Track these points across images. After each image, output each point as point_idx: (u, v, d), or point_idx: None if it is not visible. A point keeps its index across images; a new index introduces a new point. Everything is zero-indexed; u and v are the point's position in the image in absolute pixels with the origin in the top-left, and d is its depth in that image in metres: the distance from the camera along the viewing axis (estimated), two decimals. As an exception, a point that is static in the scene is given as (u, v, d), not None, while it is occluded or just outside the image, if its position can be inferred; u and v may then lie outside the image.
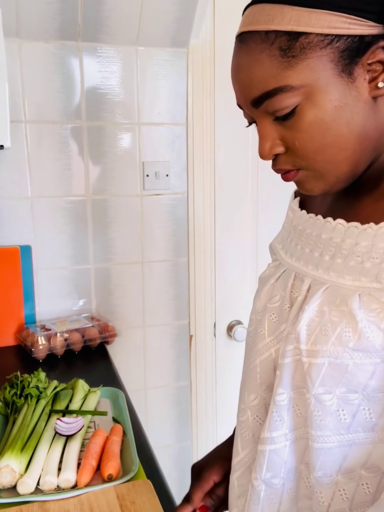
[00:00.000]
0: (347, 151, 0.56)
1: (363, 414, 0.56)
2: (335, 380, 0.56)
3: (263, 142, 0.58)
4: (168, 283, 1.70)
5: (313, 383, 0.57)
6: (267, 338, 0.65)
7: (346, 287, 0.56)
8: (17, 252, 1.49)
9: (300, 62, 0.53)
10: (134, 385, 1.67)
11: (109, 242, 1.61)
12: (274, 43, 0.53)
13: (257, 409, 0.67)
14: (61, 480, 0.84)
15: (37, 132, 1.48)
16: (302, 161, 0.58)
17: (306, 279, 0.62)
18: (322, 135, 0.55)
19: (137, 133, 1.57)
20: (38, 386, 1.08)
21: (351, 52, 0.52)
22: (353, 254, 0.57)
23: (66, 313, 1.60)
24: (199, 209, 1.68)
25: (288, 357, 0.60)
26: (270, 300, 0.67)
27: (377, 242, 0.55)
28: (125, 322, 1.67)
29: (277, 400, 0.61)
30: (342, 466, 0.58)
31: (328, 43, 0.52)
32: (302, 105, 0.54)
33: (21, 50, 1.42)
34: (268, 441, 0.63)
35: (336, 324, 0.55)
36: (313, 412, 0.58)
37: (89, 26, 1.43)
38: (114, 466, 0.86)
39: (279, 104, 0.54)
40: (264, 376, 0.66)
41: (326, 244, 0.61)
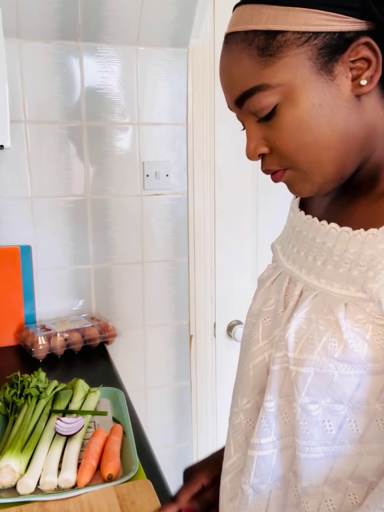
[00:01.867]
0: (331, 151, 0.54)
1: (349, 425, 0.55)
2: (320, 390, 0.55)
3: (248, 142, 0.58)
4: (168, 283, 1.70)
5: (299, 392, 0.56)
6: (261, 342, 0.64)
7: (334, 295, 0.55)
8: (17, 252, 1.49)
9: (277, 61, 0.52)
10: (134, 385, 1.67)
11: (109, 242, 1.61)
12: (253, 43, 0.53)
13: (250, 412, 0.66)
14: (61, 480, 0.84)
15: (37, 132, 1.48)
16: (286, 161, 0.56)
17: (298, 284, 0.61)
18: (302, 134, 0.53)
19: (137, 133, 1.57)
20: (38, 386, 1.08)
21: (330, 49, 0.51)
22: (343, 260, 0.55)
23: (66, 313, 1.60)
24: (199, 209, 1.68)
25: (277, 364, 0.59)
26: (265, 304, 0.66)
27: (365, 249, 0.53)
28: (125, 322, 1.67)
29: (266, 407, 0.61)
30: (329, 477, 0.57)
31: (305, 40, 0.51)
32: (281, 104, 0.53)
33: (21, 50, 1.42)
34: (256, 447, 0.62)
35: (322, 333, 0.54)
36: (299, 422, 0.57)
37: (89, 26, 1.43)
38: (114, 466, 0.86)
39: (258, 103, 0.54)
40: (257, 380, 0.65)
41: (319, 249, 0.59)
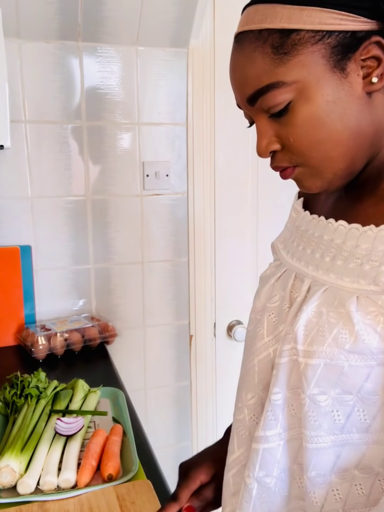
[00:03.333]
0: (342, 147, 0.55)
1: (357, 415, 0.56)
2: (330, 381, 0.56)
3: (259, 139, 0.59)
4: (168, 283, 1.70)
5: (308, 383, 0.57)
6: (265, 338, 0.65)
7: (344, 289, 0.56)
8: (17, 252, 1.49)
9: (291, 59, 0.53)
10: (134, 385, 1.67)
11: (109, 242, 1.61)
12: (267, 41, 0.54)
13: (254, 408, 0.67)
14: (61, 480, 0.84)
15: (37, 132, 1.48)
16: (298, 158, 0.58)
17: (306, 280, 0.62)
18: (316, 130, 0.55)
19: (137, 133, 1.57)
20: (38, 386, 1.08)
21: (343, 48, 0.53)
22: (353, 256, 0.56)
23: (66, 313, 1.60)
24: (199, 209, 1.68)
25: (285, 357, 0.60)
26: (270, 300, 0.67)
27: (377, 244, 0.54)
28: (125, 322, 1.67)
29: (272, 400, 0.61)
30: (336, 465, 0.58)
31: (319, 39, 0.53)
32: (295, 101, 0.55)
33: (21, 50, 1.42)
34: (262, 440, 0.63)
35: (333, 325, 0.55)
36: (307, 413, 0.58)
37: (89, 26, 1.43)
38: (114, 466, 0.87)
39: (273, 100, 0.55)
40: (262, 375, 0.65)
41: (327, 246, 0.61)
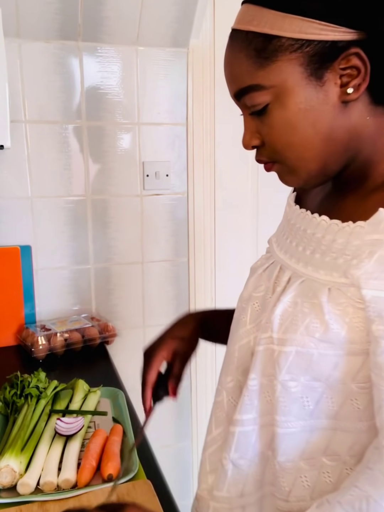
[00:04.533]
0: (314, 150, 0.58)
1: (326, 402, 0.59)
2: (300, 368, 0.59)
3: (244, 132, 0.62)
4: (168, 283, 1.70)
5: (280, 369, 0.60)
6: (248, 325, 0.68)
7: (319, 281, 0.59)
8: (17, 252, 1.49)
9: (271, 64, 0.56)
10: (134, 385, 1.66)
11: (109, 242, 1.61)
12: (252, 44, 0.56)
13: (232, 391, 0.70)
14: (61, 480, 0.84)
15: (37, 132, 1.48)
16: (275, 155, 0.61)
17: (287, 271, 0.65)
18: (289, 134, 0.58)
19: (137, 133, 1.57)
20: (38, 386, 1.08)
21: (321, 57, 0.54)
22: (330, 250, 0.59)
23: (66, 313, 1.60)
24: (199, 209, 1.68)
25: (262, 345, 0.63)
26: (256, 290, 0.70)
27: (352, 239, 0.57)
28: (125, 322, 1.67)
29: (249, 385, 0.64)
30: (305, 451, 0.61)
31: (298, 47, 0.54)
32: (272, 104, 0.57)
33: (21, 50, 1.42)
34: (238, 423, 0.66)
35: (306, 315, 0.58)
36: (278, 398, 0.61)
37: (89, 26, 1.43)
38: (114, 466, 0.87)
39: (252, 100, 0.58)
40: (241, 360, 0.68)
41: (309, 239, 0.64)
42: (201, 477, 0.74)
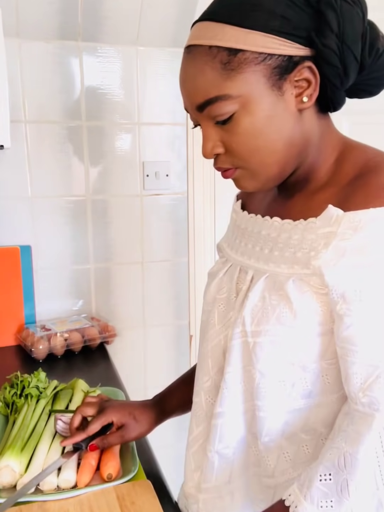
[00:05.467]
0: (277, 154, 0.64)
1: (301, 383, 0.65)
2: (276, 355, 0.65)
3: (205, 143, 0.66)
4: (168, 283, 1.70)
5: (257, 359, 0.66)
6: (216, 326, 0.74)
7: (282, 275, 0.65)
8: (17, 252, 1.49)
9: (237, 75, 0.60)
10: (134, 385, 1.66)
11: (109, 242, 1.61)
12: (216, 57, 0.61)
13: (209, 390, 0.75)
14: (61, 480, 0.84)
15: (37, 132, 1.48)
16: (239, 161, 0.65)
17: (249, 271, 0.71)
18: (255, 139, 0.63)
19: (137, 133, 1.57)
20: (38, 386, 1.08)
21: (281, 70, 0.61)
22: (287, 246, 0.66)
23: (66, 313, 1.60)
24: (199, 209, 1.68)
25: (236, 339, 0.68)
26: (219, 292, 0.76)
27: (306, 234, 0.64)
28: (125, 322, 1.67)
29: (226, 378, 0.70)
30: (285, 431, 0.68)
31: (262, 60, 0.60)
32: (239, 112, 0.62)
33: (21, 50, 1.42)
34: (220, 415, 0.71)
35: (275, 306, 0.64)
36: (258, 385, 0.67)
37: (89, 26, 1.43)
38: (113, 466, 0.86)
39: (219, 110, 0.62)
40: (215, 360, 0.74)
41: (265, 240, 0.70)
42: (187, 475, 0.80)
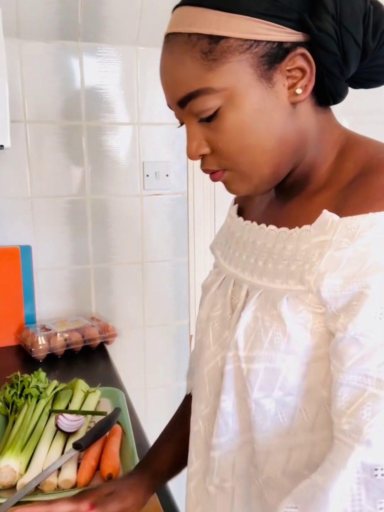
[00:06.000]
0: (268, 153, 0.57)
1: (300, 415, 0.57)
2: (271, 384, 0.57)
3: (189, 142, 0.60)
4: (168, 283, 1.70)
5: (252, 388, 0.58)
6: (212, 347, 0.66)
7: (276, 291, 0.57)
8: (17, 252, 1.49)
9: (221, 66, 0.53)
10: (134, 385, 1.67)
11: (109, 242, 1.61)
12: (196, 46, 0.54)
13: (208, 417, 0.67)
14: (61, 480, 0.84)
15: (37, 132, 1.48)
16: (227, 162, 0.58)
17: (244, 285, 0.63)
18: (243, 137, 0.56)
19: (137, 133, 1.57)
20: (38, 386, 1.08)
21: (270, 58, 0.53)
22: (281, 258, 0.58)
23: (66, 313, 1.60)
24: (199, 209, 1.68)
25: (230, 364, 0.61)
26: (213, 309, 0.68)
27: (300, 244, 0.56)
28: (125, 322, 1.67)
29: (222, 407, 0.62)
30: (286, 469, 0.59)
31: (247, 48, 0.53)
32: (224, 107, 0.55)
33: (21, 50, 1.42)
34: (217, 447, 0.63)
35: (267, 328, 0.56)
36: (255, 417, 0.59)
37: (89, 26, 1.43)
38: (113, 466, 0.87)
39: (202, 105, 0.55)
40: (212, 384, 0.65)
41: (260, 250, 0.62)
42: (189, 510, 0.71)
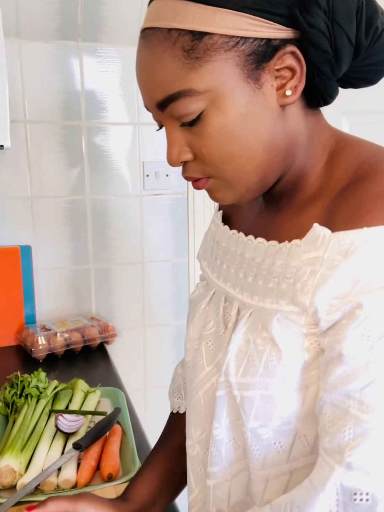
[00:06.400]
0: (255, 161, 0.52)
1: (300, 442, 0.53)
2: (268, 413, 0.53)
3: (170, 148, 0.55)
4: (168, 283, 1.70)
5: (247, 417, 0.54)
6: (206, 368, 0.62)
7: (266, 311, 0.53)
8: (17, 252, 1.49)
9: (204, 65, 0.49)
10: (134, 385, 1.67)
11: (109, 242, 1.61)
12: (177, 42, 0.49)
13: (206, 442, 0.63)
14: (61, 480, 0.84)
15: (37, 132, 1.48)
16: (211, 169, 0.54)
17: (234, 303, 0.60)
18: (229, 143, 0.51)
19: (137, 133, 1.57)
20: (38, 386, 1.08)
21: (257, 57, 0.49)
22: (271, 274, 0.54)
23: (66, 313, 1.60)
24: (199, 209, 1.68)
25: (221, 389, 0.57)
26: (205, 327, 0.63)
27: (290, 260, 0.52)
28: (125, 322, 1.67)
29: (214, 435, 0.59)
30: (286, 490, 0.56)
31: (233, 45, 0.48)
32: (208, 110, 0.50)
33: (21, 50, 1.42)
34: (211, 476, 0.61)
35: (261, 353, 0.52)
36: (251, 446, 0.55)
37: (89, 26, 1.43)
38: (113, 466, 0.87)
39: (184, 109, 0.51)
40: (209, 408, 0.61)
41: (249, 264, 0.58)
42: None
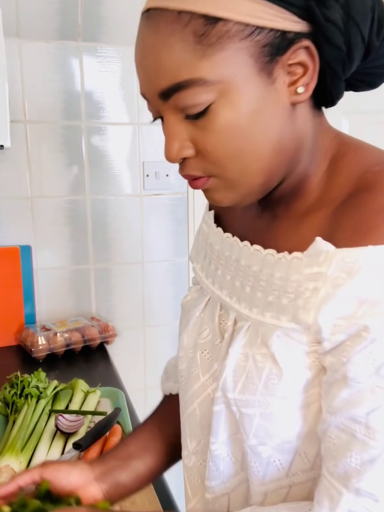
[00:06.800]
0: (262, 161, 0.48)
1: (300, 459, 0.52)
2: (268, 432, 0.51)
3: (169, 142, 0.51)
4: (168, 283, 1.70)
5: (247, 434, 0.52)
6: (202, 378, 0.59)
7: (265, 326, 0.50)
8: (17, 252, 1.49)
9: (216, 53, 0.44)
10: (134, 385, 1.67)
11: (109, 242, 1.61)
12: (188, 26, 0.44)
13: (202, 453, 0.61)
14: (61, 480, 0.84)
15: (37, 132, 1.48)
16: (214, 168, 0.50)
17: (231, 313, 0.56)
18: (237, 141, 0.47)
19: (137, 133, 1.57)
20: (38, 386, 1.08)
21: (272, 49, 0.45)
22: (271, 287, 0.51)
23: (66, 313, 1.60)
24: (199, 209, 1.68)
25: (218, 404, 0.55)
26: (200, 335, 0.61)
27: (290, 274, 0.48)
28: (125, 322, 1.67)
29: (211, 450, 0.57)
30: (285, 501, 0.55)
31: (249, 34, 0.44)
32: (217, 103, 0.46)
33: (21, 50, 1.42)
34: (209, 490, 0.60)
35: (261, 370, 0.50)
36: (250, 463, 0.54)
37: (89, 26, 1.43)
38: (114, 466, 0.86)
39: (191, 99, 0.46)
40: (205, 418, 0.59)
41: (245, 272, 0.54)
42: None
